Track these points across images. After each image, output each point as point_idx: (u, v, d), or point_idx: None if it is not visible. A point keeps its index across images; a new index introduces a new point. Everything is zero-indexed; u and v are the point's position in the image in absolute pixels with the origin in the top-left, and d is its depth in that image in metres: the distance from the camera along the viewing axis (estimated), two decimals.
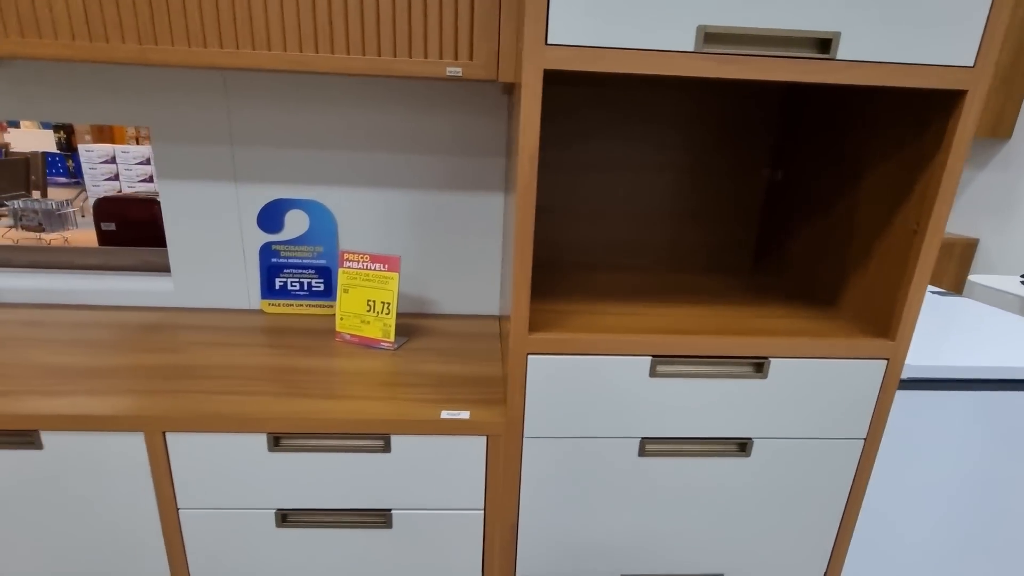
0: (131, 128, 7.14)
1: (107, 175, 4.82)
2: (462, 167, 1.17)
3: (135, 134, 6.91)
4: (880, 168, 0.86)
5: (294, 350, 1.04)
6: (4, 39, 0.81)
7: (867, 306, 0.88)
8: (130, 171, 4.83)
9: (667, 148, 1.17)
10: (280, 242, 1.21)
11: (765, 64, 0.69)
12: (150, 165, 4.87)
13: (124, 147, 4.80)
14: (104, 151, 4.74)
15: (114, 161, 4.78)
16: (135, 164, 4.84)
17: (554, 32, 0.67)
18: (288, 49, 0.83)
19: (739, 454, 0.88)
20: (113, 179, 4.84)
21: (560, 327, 0.83)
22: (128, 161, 4.79)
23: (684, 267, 1.25)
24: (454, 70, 0.85)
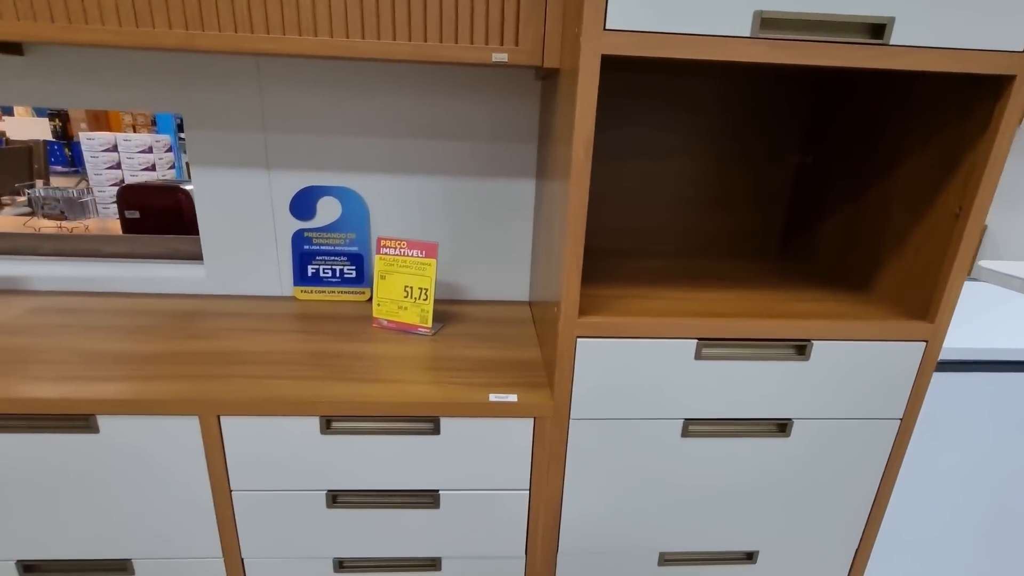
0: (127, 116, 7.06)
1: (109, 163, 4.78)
2: (493, 153, 1.18)
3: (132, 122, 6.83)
4: (920, 152, 0.87)
5: (334, 336, 1.05)
6: (50, 25, 0.80)
7: (904, 289, 0.90)
8: (132, 159, 4.79)
9: (694, 134, 1.18)
10: (312, 229, 1.21)
11: (819, 49, 0.70)
12: (152, 153, 4.83)
13: (125, 135, 4.75)
14: (105, 139, 4.69)
15: (116, 149, 4.74)
16: (137, 152, 4.80)
17: (612, 18, 0.67)
18: (335, 35, 0.83)
19: (779, 434, 0.90)
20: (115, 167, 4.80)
21: (607, 311, 0.84)
22: (130, 149, 4.74)
23: (712, 253, 1.26)
24: (500, 56, 0.85)
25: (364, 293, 1.25)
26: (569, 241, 0.76)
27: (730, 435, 0.89)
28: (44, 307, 1.13)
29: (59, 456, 0.84)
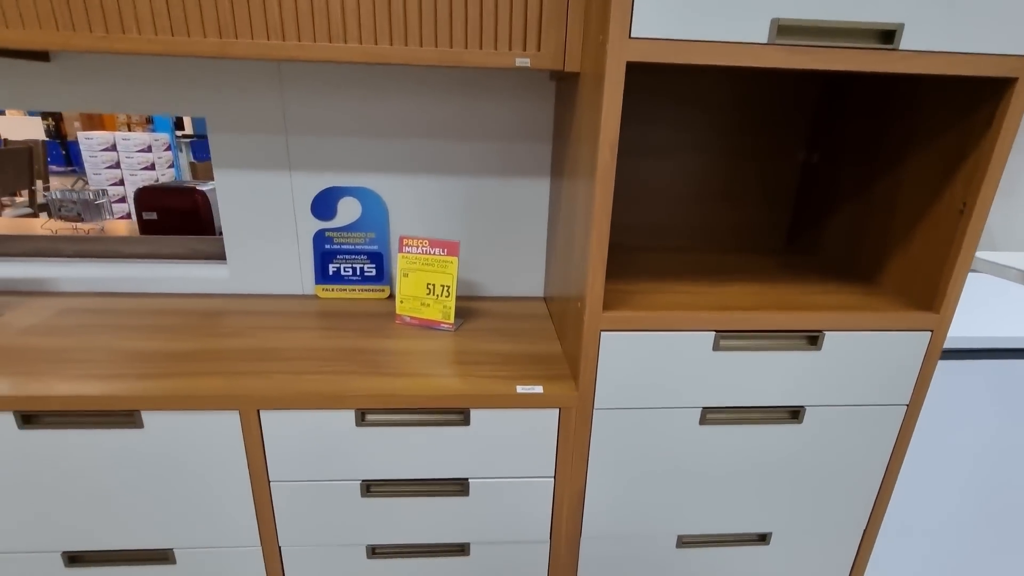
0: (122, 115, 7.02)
1: (108, 163, 4.77)
2: (508, 152, 1.21)
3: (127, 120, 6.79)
4: (925, 149, 0.91)
5: (360, 332, 1.08)
6: (89, 35, 0.83)
7: (910, 281, 0.94)
8: (131, 159, 4.78)
9: (703, 131, 1.21)
10: (333, 229, 1.24)
11: (833, 54, 0.73)
12: (151, 152, 4.82)
13: (124, 134, 4.74)
14: (104, 139, 4.68)
15: (114, 148, 4.73)
16: (136, 151, 4.79)
17: (637, 26, 0.70)
18: (363, 42, 0.86)
19: (792, 421, 0.94)
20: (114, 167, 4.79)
21: (628, 306, 0.88)
22: (129, 149, 4.74)
23: (722, 247, 1.30)
24: (523, 61, 0.88)
25: (384, 290, 1.29)
26: (594, 240, 0.80)
27: (746, 422, 0.94)
28: (74, 308, 1.16)
29: (104, 450, 0.87)
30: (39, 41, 0.83)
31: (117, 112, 1.16)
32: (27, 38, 0.82)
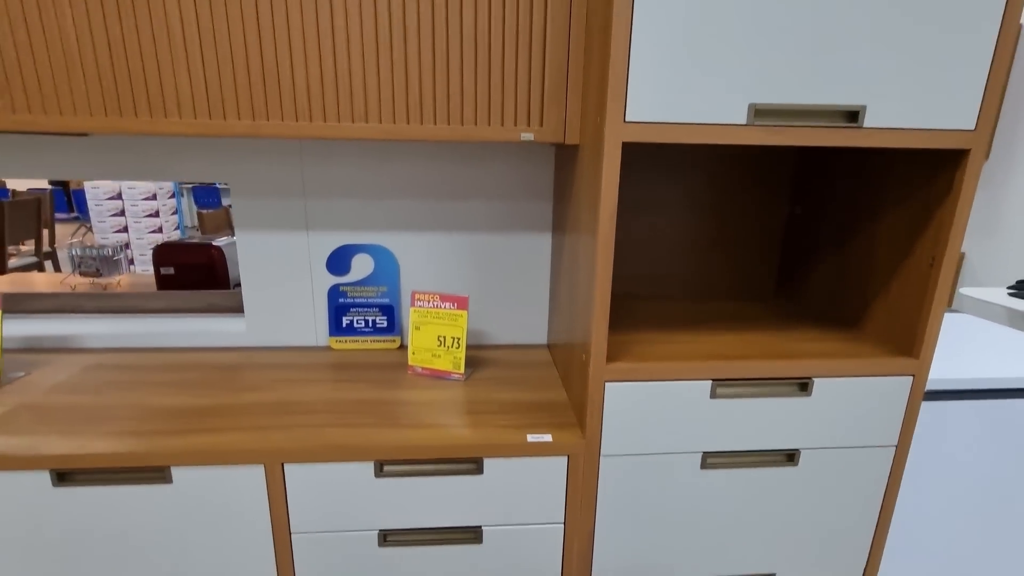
0: None
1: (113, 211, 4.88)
2: (512, 211, 1.29)
3: None
4: (897, 208, 1.00)
5: (374, 384, 1.13)
6: (135, 119, 0.91)
7: (891, 328, 1.01)
8: (136, 206, 4.89)
9: (691, 188, 1.31)
10: (347, 283, 1.31)
11: (805, 133, 0.82)
12: (155, 200, 4.93)
13: (130, 183, 4.86)
14: (110, 188, 4.79)
15: (120, 197, 4.84)
16: (141, 200, 4.90)
17: (631, 111, 0.80)
18: (383, 121, 0.95)
19: (788, 464, 0.99)
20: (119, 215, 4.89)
21: (630, 356, 0.94)
22: (134, 197, 4.85)
23: (713, 295, 1.38)
24: (527, 135, 0.98)
25: (395, 341, 1.34)
26: (597, 299, 0.87)
27: (744, 466, 0.99)
28: (98, 364, 1.21)
29: (135, 506, 0.91)
30: (88, 125, 0.91)
31: (144, 179, 1.24)
32: (78, 123, 0.91)
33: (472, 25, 0.92)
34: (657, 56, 0.78)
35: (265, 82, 0.92)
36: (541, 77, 0.96)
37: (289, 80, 0.92)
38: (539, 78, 0.96)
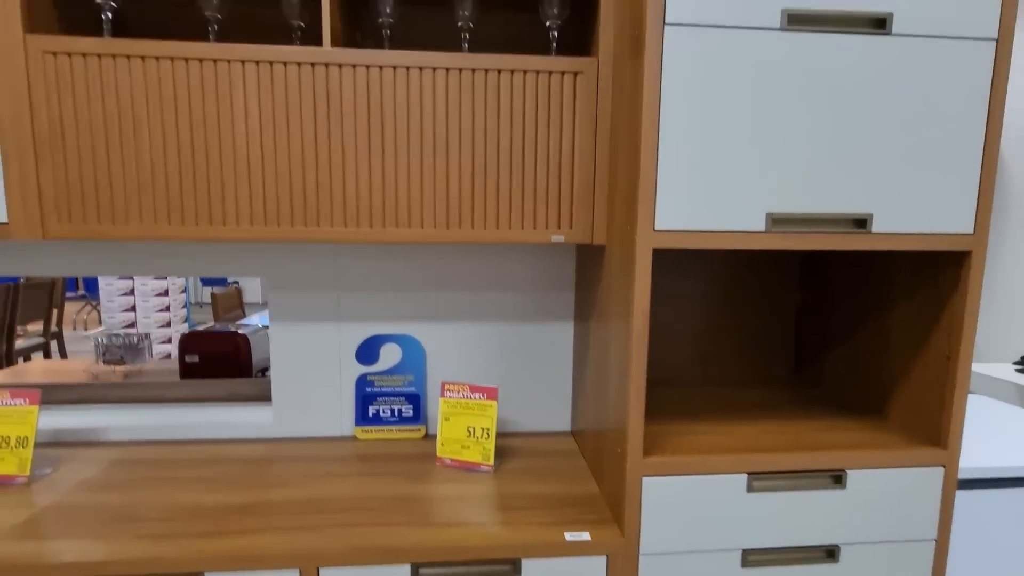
0: None
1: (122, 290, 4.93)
2: (534, 300, 1.35)
3: None
4: (903, 302, 1.06)
5: (404, 477, 1.13)
6: (196, 227, 0.98)
7: (915, 417, 1.03)
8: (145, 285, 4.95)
9: (706, 279, 1.37)
10: (375, 373, 1.34)
11: (818, 238, 0.90)
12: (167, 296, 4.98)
13: (143, 280, 4.92)
14: (124, 285, 4.86)
15: (132, 293, 4.89)
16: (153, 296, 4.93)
17: (660, 221, 0.87)
18: (425, 226, 1.03)
19: (829, 560, 0.98)
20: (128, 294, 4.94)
21: (665, 450, 0.95)
22: (147, 294, 4.89)
23: (728, 381, 1.40)
24: (558, 237, 1.05)
25: (420, 430, 1.35)
26: (632, 396, 0.90)
27: (786, 563, 0.97)
28: (126, 459, 1.20)
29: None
30: (155, 234, 0.98)
31: (182, 275, 1.30)
32: (145, 232, 0.98)
33: (508, 141, 1.02)
34: (682, 172, 0.87)
35: (318, 193, 1.00)
36: (570, 186, 1.05)
37: (340, 191, 1.00)
38: (568, 187, 1.05)
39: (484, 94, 1.01)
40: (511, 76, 1.01)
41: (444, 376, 1.36)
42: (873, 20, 0.87)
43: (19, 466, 1.09)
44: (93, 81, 0.94)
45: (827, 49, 0.87)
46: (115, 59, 0.94)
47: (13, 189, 0.95)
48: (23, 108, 0.93)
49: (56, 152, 0.95)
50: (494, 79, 1.01)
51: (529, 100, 1.02)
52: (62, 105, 0.94)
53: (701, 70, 0.85)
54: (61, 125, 0.95)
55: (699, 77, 0.85)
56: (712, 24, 0.85)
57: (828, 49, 0.87)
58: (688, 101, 0.86)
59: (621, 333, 0.95)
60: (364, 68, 0.98)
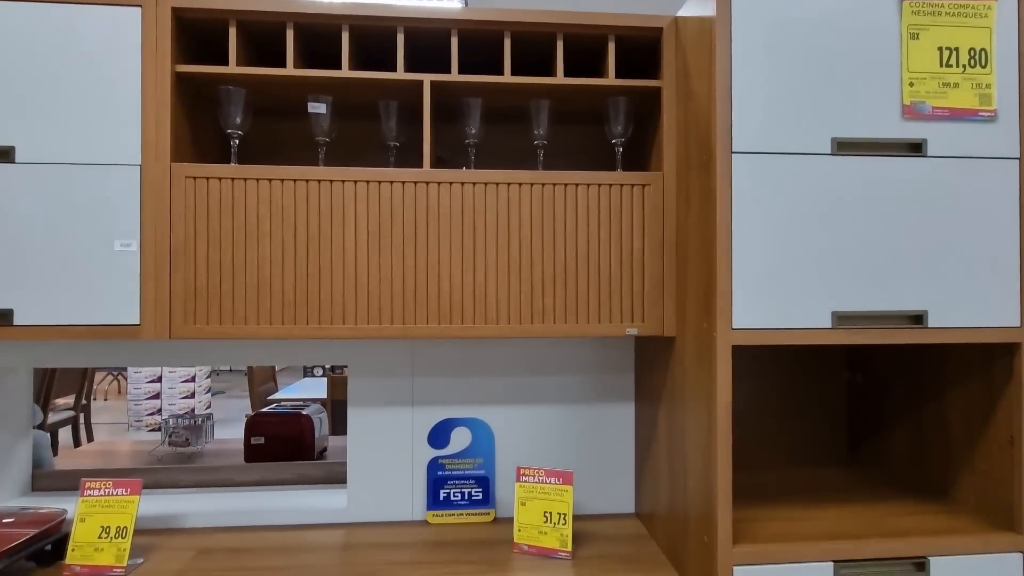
0: None
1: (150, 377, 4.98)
2: (597, 383, 1.42)
3: None
4: (958, 388, 1.13)
5: (487, 565, 1.15)
6: (306, 327, 1.08)
7: (986, 501, 1.07)
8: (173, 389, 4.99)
9: (753, 358, 1.45)
10: (446, 456, 1.39)
11: (878, 334, 0.98)
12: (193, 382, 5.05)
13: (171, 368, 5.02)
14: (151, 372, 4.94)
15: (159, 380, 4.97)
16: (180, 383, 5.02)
17: (736, 320, 0.96)
18: (511, 322, 1.12)
19: None
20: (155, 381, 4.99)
21: (752, 538, 0.99)
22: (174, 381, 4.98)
23: (783, 462, 1.44)
24: (632, 330, 1.14)
25: (490, 514, 1.38)
26: (720, 488, 0.95)
27: None
28: (210, 547, 1.23)
29: None
30: (269, 334, 1.07)
31: (265, 364, 1.38)
32: (260, 332, 1.07)
33: (585, 245, 1.14)
34: (754, 276, 0.97)
35: (416, 295, 1.11)
36: (641, 284, 1.15)
37: (435, 293, 1.11)
38: (640, 285, 1.15)
39: (564, 204, 1.13)
40: (587, 189, 1.14)
41: (511, 458, 1.41)
42: (910, 145, 1.00)
43: (117, 557, 1.12)
44: (225, 200, 1.07)
45: (874, 169, 0.99)
46: (245, 182, 1.08)
47: (148, 296, 1.06)
48: (163, 225, 1.06)
49: (188, 263, 1.07)
50: (572, 192, 1.14)
51: (604, 209, 1.14)
52: (196, 221, 1.07)
53: (766, 188, 0.97)
54: (194, 239, 1.07)
55: (764, 194, 0.97)
56: (772, 152, 0.98)
57: (875, 169, 0.99)
58: (756, 214, 0.97)
59: (700, 421, 1.02)
60: (459, 184, 1.12)
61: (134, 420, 4.83)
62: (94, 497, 1.15)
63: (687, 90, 1.10)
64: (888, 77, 0.99)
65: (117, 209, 1.05)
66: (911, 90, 0.99)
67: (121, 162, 1.05)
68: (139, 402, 4.88)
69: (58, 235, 1.04)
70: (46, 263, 1.04)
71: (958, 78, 1.00)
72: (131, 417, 4.86)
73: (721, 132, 0.97)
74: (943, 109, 0.99)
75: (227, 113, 1.12)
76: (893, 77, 0.99)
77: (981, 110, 1.00)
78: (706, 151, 1.01)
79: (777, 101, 0.98)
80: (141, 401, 4.88)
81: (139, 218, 1.05)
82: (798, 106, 0.98)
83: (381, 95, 1.19)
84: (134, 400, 4.90)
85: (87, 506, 1.15)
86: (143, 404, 4.87)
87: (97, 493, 1.16)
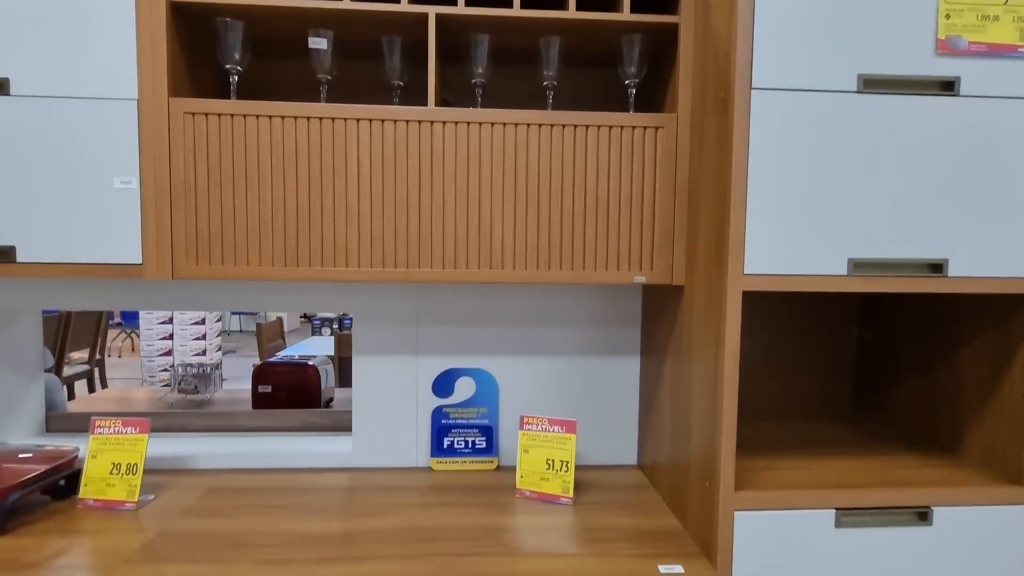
0: None
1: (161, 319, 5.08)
2: (603, 335, 1.41)
3: None
4: (973, 341, 1.10)
5: (489, 508, 1.17)
6: (308, 268, 1.07)
7: (993, 456, 1.06)
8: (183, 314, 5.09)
9: (767, 314, 1.42)
10: (450, 405, 1.39)
11: (896, 281, 0.95)
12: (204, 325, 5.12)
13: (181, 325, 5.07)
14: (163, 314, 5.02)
15: (171, 322, 5.05)
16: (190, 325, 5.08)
17: (748, 266, 0.93)
18: (517, 268, 1.10)
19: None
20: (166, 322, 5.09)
21: (754, 485, 0.99)
22: (184, 323, 5.05)
23: (790, 416, 1.44)
24: (640, 278, 1.12)
25: (493, 462, 1.39)
26: (724, 432, 0.95)
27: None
28: (220, 487, 1.26)
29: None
30: (270, 275, 1.06)
31: (273, 311, 1.38)
32: (262, 272, 1.06)
33: (593, 190, 1.10)
34: (769, 221, 0.93)
35: (420, 237, 1.08)
36: (651, 231, 1.12)
37: (440, 235, 1.09)
38: (649, 232, 1.12)
39: (574, 147, 1.09)
40: (597, 131, 1.10)
41: (515, 408, 1.41)
42: (941, 83, 0.95)
43: (128, 492, 1.15)
44: (225, 138, 1.05)
45: (901, 109, 0.94)
46: (245, 118, 1.05)
47: (149, 234, 1.04)
48: (163, 162, 1.04)
49: (188, 202, 1.05)
50: (582, 134, 1.10)
51: (613, 152, 1.10)
52: (196, 159, 1.04)
53: (786, 127, 0.93)
54: (194, 177, 1.05)
55: (783, 134, 0.93)
56: (794, 88, 0.93)
57: (902, 109, 0.94)
58: (774, 156, 0.93)
59: (707, 370, 1.00)
60: (465, 124, 1.08)
61: (148, 376, 4.94)
62: (104, 435, 1.17)
63: (705, 26, 1.04)
64: (922, 8, 0.93)
65: (115, 145, 1.03)
66: (947, 23, 0.93)
67: (117, 96, 1.02)
68: (152, 359, 4.97)
69: (58, 171, 1.02)
70: (47, 200, 1.03)
71: (998, 10, 0.93)
72: (144, 373, 4.97)
73: (741, 67, 0.92)
74: (980, 44, 0.93)
75: (225, 47, 1.08)
76: (928, 8, 0.93)
77: (1022, 46, 0.93)
78: (724, 88, 0.96)
79: (800, 35, 0.92)
80: (154, 358, 4.97)
81: (138, 154, 1.03)
82: (823, 40, 0.93)
83: (384, 30, 1.14)
84: (147, 357, 4.99)
85: (98, 443, 1.17)
86: (156, 361, 4.97)
87: (107, 431, 1.18)
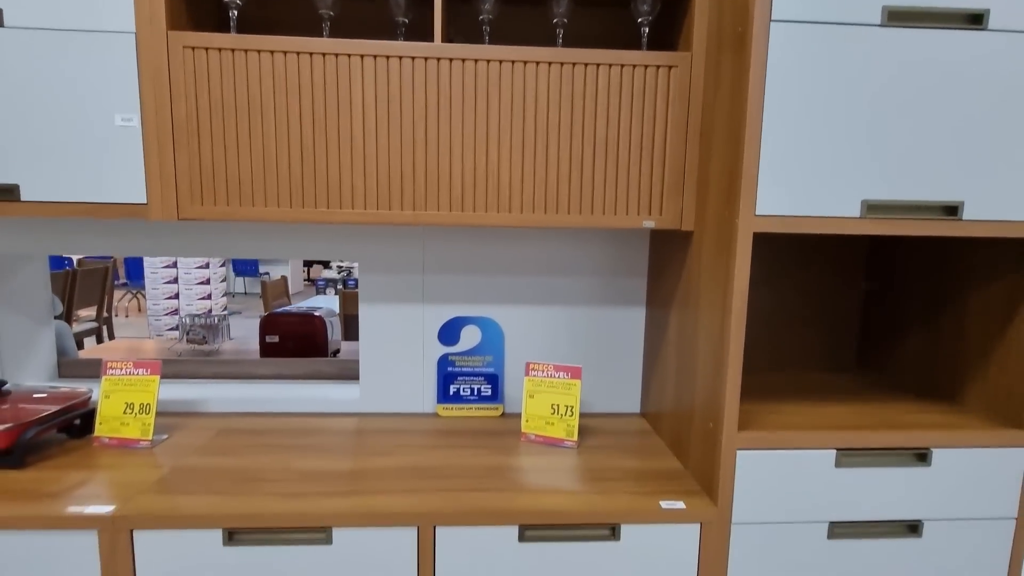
0: None
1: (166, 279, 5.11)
2: (609, 286, 1.40)
3: None
4: (981, 290, 1.09)
5: (494, 450, 1.19)
6: (315, 210, 1.06)
7: (997, 402, 1.07)
8: (188, 275, 5.13)
9: (773, 266, 1.41)
10: (456, 353, 1.41)
11: (910, 224, 0.94)
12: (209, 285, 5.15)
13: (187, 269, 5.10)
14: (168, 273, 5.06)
15: (176, 281, 5.08)
16: (194, 268, 5.13)
17: (761, 207, 0.92)
18: (524, 211, 1.09)
19: (912, 535, 1.02)
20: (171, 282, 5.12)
21: (757, 426, 1.00)
22: (188, 266, 5.09)
23: (795, 366, 1.44)
24: (649, 223, 1.10)
25: (498, 409, 1.41)
26: (729, 373, 0.95)
27: (870, 536, 1.01)
28: (231, 428, 1.29)
29: (298, 565, 0.95)
30: (276, 216, 1.05)
31: (281, 257, 1.38)
32: (268, 214, 1.05)
33: (604, 131, 1.08)
34: (782, 160, 0.91)
35: (427, 179, 1.07)
36: (661, 174, 1.10)
37: (447, 177, 1.07)
38: (659, 175, 1.10)
39: (583, 86, 1.06)
40: (608, 70, 1.07)
41: (520, 357, 1.42)
42: (969, 16, 0.91)
43: (142, 431, 1.18)
44: (226, 73, 1.02)
45: (926, 44, 0.90)
46: (247, 53, 1.02)
47: (153, 173, 1.03)
48: (164, 99, 1.01)
49: (191, 140, 1.03)
50: (592, 73, 1.06)
51: (625, 93, 1.07)
52: (198, 96, 1.02)
53: (804, 64, 0.90)
54: (196, 114, 1.03)
55: (802, 70, 0.90)
56: (816, 20, 0.89)
57: (927, 44, 0.90)
58: (790, 93, 0.90)
59: (713, 316, 1.00)
60: (472, 62, 1.04)
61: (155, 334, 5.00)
62: (116, 376, 1.19)
63: None
64: None
65: (114, 80, 1.00)
66: None
67: (113, 28, 0.99)
68: (159, 317, 5.02)
69: (57, 108, 1.00)
70: (48, 137, 1.01)
71: None
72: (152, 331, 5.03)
73: None
74: None
75: None
76: None
77: None
78: (742, 21, 0.92)
79: None
80: (161, 317, 5.02)
81: (138, 91, 1.01)
82: None
83: None
84: (154, 316, 5.04)
85: (111, 384, 1.19)
86: (163, 320, 5.02)
87: (119, 372, 1.20)
